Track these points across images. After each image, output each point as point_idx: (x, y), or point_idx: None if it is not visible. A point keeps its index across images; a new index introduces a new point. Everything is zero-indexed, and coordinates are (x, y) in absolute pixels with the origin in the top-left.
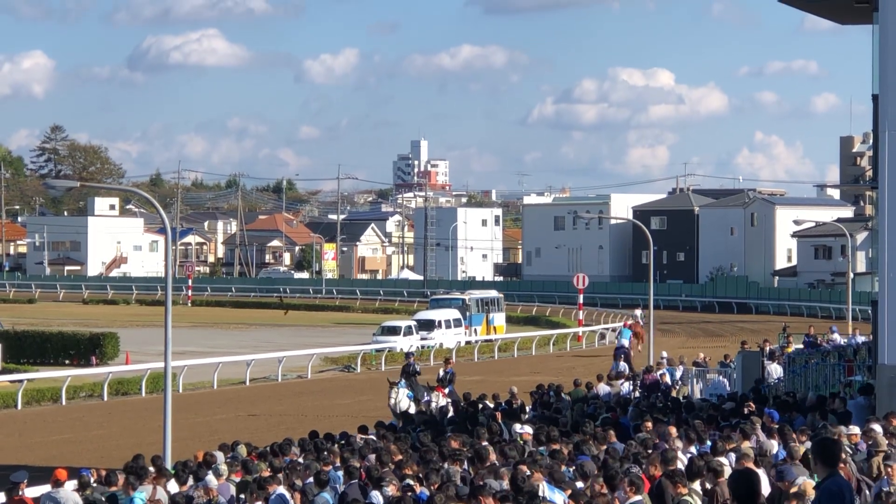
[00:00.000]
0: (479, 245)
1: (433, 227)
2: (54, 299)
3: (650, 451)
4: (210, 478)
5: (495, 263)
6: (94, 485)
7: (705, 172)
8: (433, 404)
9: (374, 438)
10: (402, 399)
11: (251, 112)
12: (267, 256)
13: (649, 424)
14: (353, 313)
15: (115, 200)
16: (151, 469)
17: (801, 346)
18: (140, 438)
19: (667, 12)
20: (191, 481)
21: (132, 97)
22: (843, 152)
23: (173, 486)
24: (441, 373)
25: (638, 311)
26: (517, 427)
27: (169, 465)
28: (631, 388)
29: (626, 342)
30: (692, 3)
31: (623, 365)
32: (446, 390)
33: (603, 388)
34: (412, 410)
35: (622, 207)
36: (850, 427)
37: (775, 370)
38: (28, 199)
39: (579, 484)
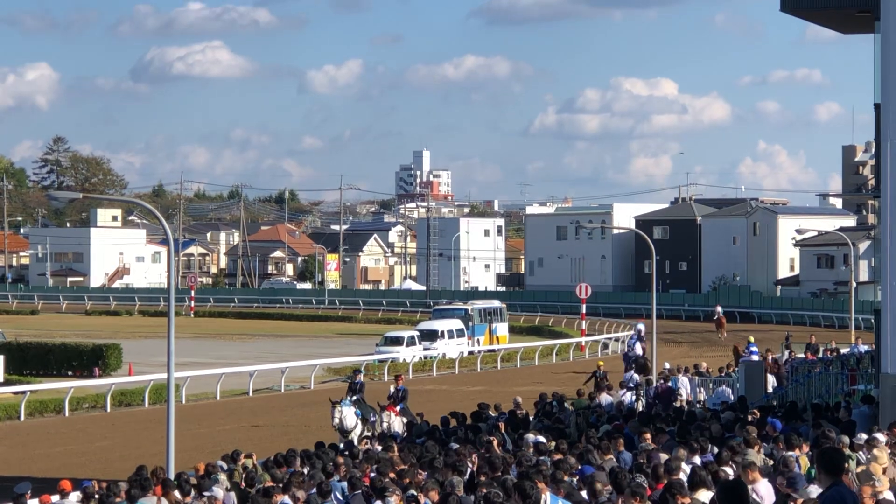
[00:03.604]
0: (481, 255)
1: (436, 238)
2: (57, 311)
3: (652, 462)
4: (216, 489)
5: (498, 273)
6: (97, 497)
7: (708, 182)
8: (385, 424)
9: (379, 449)
10: (349, 417)
11: (254, 123)
12: (269, 267)
13: (648, 435)
14: (356, 324)
15: (118, 212)
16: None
17: (802, 355)
18: (143, 450)
19: (669, 22)
20: (193, 493)
21: (136, 108)
22: (845, 161)
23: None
24: (392, 389)
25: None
26: (530, 437)
27: (172, 476)
28: (634, 398)
29: (638, 349)
30: (695, 13)
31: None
32: (398, 408)
33: (605, 398)
34: (359, 429)
35: (624, 217)
36: (859, 436)
37: (769, 381)
38: (30, 210)
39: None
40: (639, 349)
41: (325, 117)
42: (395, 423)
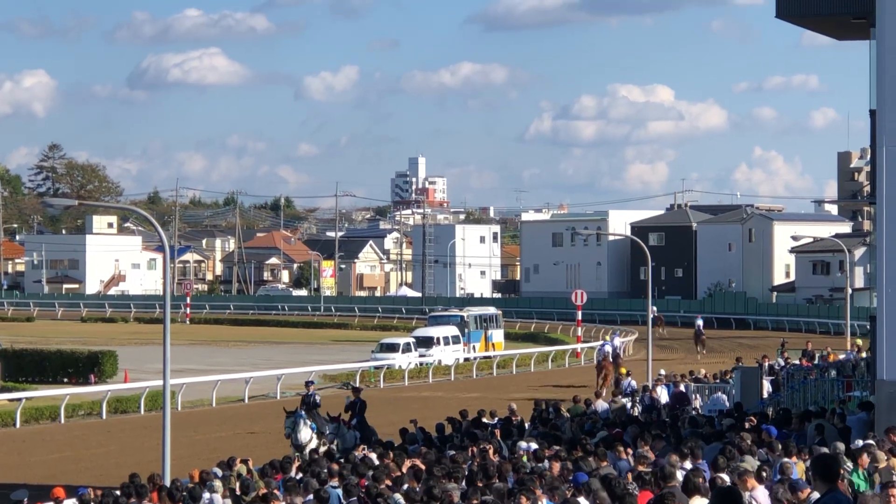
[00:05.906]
0: (477, 262)
1: (431, 244)
2: (53, 317)
3: (649, 468)
4: (215, 496)
5: (493, 280)
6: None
7: (704, 188)
8: (333, 436)
9: (373, 456)
10: (303, 430)
11: (250, 129)
12: (265, 274)
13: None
14: (352, 330)
15: (113, 219)
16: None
17: (797, 361)
18: (139, 456)
19: (666, 28)
20: (186, 500)
21: (132, 115)
22: (840, 168)
23: None
24: (348, 400)
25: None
26: (523, 444)
27: (167, 483)
28: (629, 405)
29: (608, 348)
30: (691, 20)
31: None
32: (352, 422)
33: (601, 405)
34: (314, 443)
35: (620, 224)
36: (856, 442)
37: (764, 387)
38: (26, 217)
39: (583, 500)
40: (610, 347)
41: (322, 124)
42: (348, 436)
